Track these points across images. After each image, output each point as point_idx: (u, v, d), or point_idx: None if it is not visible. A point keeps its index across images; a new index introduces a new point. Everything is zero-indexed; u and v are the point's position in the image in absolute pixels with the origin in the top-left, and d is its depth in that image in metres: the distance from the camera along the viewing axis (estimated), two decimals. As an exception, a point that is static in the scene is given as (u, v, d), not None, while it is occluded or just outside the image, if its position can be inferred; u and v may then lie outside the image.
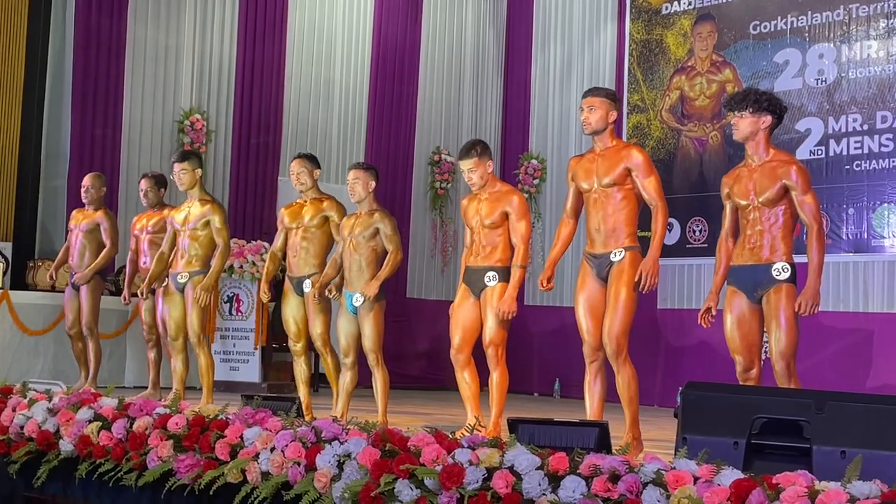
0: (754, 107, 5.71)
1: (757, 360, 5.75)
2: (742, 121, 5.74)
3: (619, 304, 5.84)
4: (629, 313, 5.86)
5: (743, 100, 5.75)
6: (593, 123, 6.00)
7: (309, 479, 4.20)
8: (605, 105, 6.00)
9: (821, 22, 10.76)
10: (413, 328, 12.49)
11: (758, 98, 5.74)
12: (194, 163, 8.00)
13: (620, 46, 12.44)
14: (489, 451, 3.87)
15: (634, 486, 3.51)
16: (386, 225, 7.17)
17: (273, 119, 12.21)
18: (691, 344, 11.10)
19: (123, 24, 11.25)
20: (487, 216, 6.70)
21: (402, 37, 13.12)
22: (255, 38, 12.11)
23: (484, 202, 6.78)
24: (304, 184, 7.53)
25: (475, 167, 6.74)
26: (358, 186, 7.19)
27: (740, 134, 5.77)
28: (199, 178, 7.96)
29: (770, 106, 5.74)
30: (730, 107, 5.82)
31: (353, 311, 7.16)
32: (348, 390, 7.30)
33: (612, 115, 6.00)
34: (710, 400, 4.38)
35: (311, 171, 7.55)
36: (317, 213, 7.51)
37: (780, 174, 5.65)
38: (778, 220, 5.71)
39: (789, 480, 3.28)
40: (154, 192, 9.04)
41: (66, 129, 11.02)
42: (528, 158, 13.20)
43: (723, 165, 11.30)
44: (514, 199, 6.74)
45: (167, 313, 8.09)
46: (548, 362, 12.37)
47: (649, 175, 5.96)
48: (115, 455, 5.01)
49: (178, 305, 7.96)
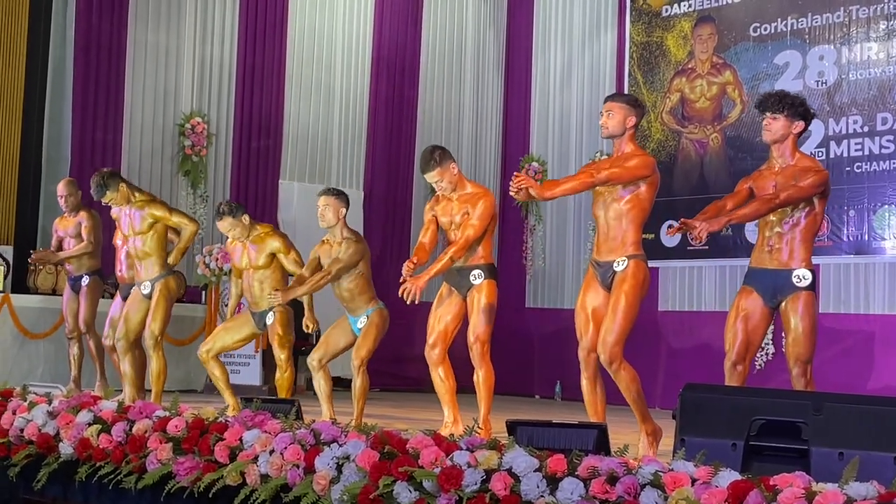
0: (790, 111, 5.74)
1: (748, 359, 5.76)
2: (776, 122, 5.76)
3: (617, 313, 5.77)
4: (627, 323, 5.78)
5: (780, 102, 5.76)
6: (610, 128, 6.00)
7: (308, 482, 4.21)
8: (624, 110, 5.98)
9: (821, 24, 10.76)
10: (412, 331, 12.48)
11: (794, 102, 5.77)
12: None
13: (621, 49, 12.44)
14: (488, 453, 3.88)
15: (632, 488, 3.52)
16: (344, 252, 7.09)
17: (273, 122, 12.23)
18: (691, 346, 11.11)
19: (124, 27, 11.27)
20: (460, 217, 6.72)
21: (402, 39, 13.13)
22: (256, 40, 12.12)
23: (455, 203, 6.79)
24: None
25: (440, 177, 6.72)
26: (328, 213, 7.12)
27: (772, 136, 5.78)
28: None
29: (805, 113, 5.79)
30: (765, 107, 5.81)
31: (357, 333, 7.20)
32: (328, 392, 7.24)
33: (631, 121, 5.98)
34: (709, 401, 4.38)
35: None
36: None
37: (805, 178, 5.67)
38: (799, 224, 5.73)
39: (787, 482, 3.29)
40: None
41: (66, 133, 11.03)
42: (529, 161, 13.20)
43: (723, 167, 11.31)
44: (479, 203, 6.71)
45: (122, 313, 7.98)
46: (549, 364, 12.36)
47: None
48: (115, 458, 5.02)
49: (141, 308, 7.84)
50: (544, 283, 12.97)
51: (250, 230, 7.71)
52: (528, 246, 13.08)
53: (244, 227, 7.66)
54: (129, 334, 7.80)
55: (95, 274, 9.13)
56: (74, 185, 9.31)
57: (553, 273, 12.89)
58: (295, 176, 12.31)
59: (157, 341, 7.73)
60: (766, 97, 5.88)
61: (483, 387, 6.69)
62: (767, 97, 5.87)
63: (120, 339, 7.82)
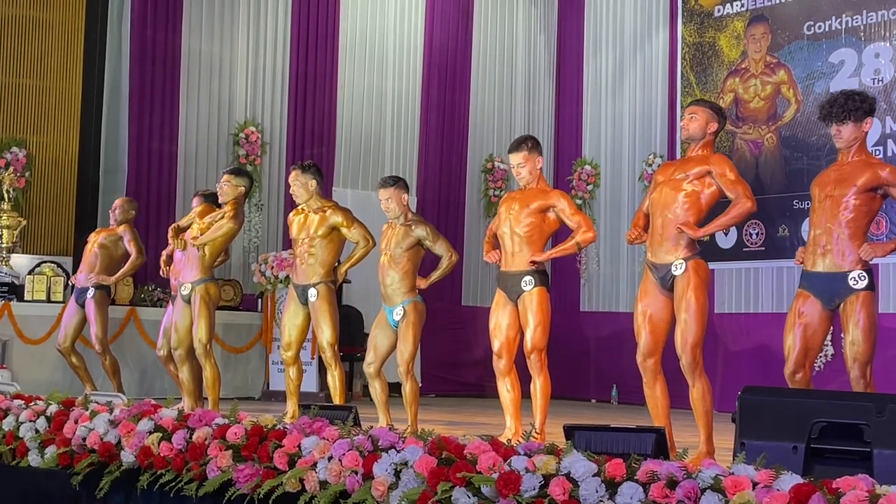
0: (856, 115, 5.67)
1: (808, 365, 5.69)
2: (845, 129, 5.69)
3: (690, 314, 5.78)
4: (702, 323, 5.81)
5: (843, 109, 5.68)
6: (690, 130, 6.07)
7: (367, 488, 4.22)
8: (706, 115, 6.05)
9: (876, 21, 10.64)
10: (469, 336, 12.50)
11: (857, 106, 5.68)
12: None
13: (673, 50, 12.38)
14: (546, 458, 3.86)
15: (692, 492, 3.49)
16: (426, 232, 7.11)
17: (326, 129, 12.30)
18: (749, 348, 11.01)
19: (178, 37, 11.40)
20: (522, 211, 6.67)
21: (453, 44, 13.16)
22: (308, 48, 12.20)
23: (517, 201, 6.75)
24: (300, 196, 7.52)
25: (524, 162, 6.73)
26: (392, 204, 7.11)
27: (844, 142, 5.73)
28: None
29: (870, 109, 5.72)
30: (830, 118, 5.73)
31: (395, 326, 7.16)
32: (384, 400, 7.23)
33: (712, 126, 6.05)
34: (768, 404, 4.33)
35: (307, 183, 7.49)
36: (322, 223, 7.50)
37: (870, 170, 5.62)
38: (848, 211, 5.62)
39: (850, 485, 3.25)
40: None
41: (123, 144, 11.18)
42: (581, 164, 13.16)
43: (779, 167, 11.21)
44: (561, 198, 6.72)
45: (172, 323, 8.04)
46: (605, 368, 12.32)
47: (731, 171, 6.00)
48: (176, 465, 5.05)
49: (186, 315, 7.86)
50: (599, 287, 12.92)
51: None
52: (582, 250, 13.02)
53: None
54: (184, 342, 7.85)
55: (102, 288, 9.17)
56: (132, 204, 9.48)
57: (607, 276, 12.84)
58: (349, 183, 12.38)
59: (207, 349, 7.75)
60: (828, 107, 5.76)
61: (540, 396, 6.64)
62: (829, 107, 5.75)
63: (176, 348, 7.88)
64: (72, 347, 9.16)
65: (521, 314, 6.66)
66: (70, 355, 9.18)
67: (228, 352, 10.73)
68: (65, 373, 9.43)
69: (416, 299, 7.15)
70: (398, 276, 7.09)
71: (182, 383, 8.00)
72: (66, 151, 10.99)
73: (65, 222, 10.96)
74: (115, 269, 9.22)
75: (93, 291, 9.09)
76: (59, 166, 10.96)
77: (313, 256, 7.45)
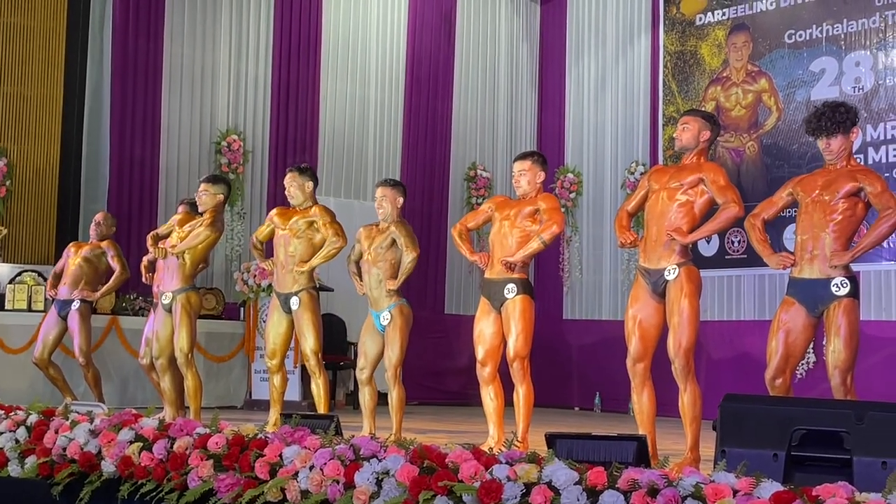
0: (842, 128, 5.72)
1: (789, 371, 5.72)
2: (835, 142, 5.75)
3: (684, 318, 5.87)
4: (694, 328, 5.89)
5: (832, 122, 5.73)
6: (684, 141, 6.13)
7: (348, 497, 4.21)
8: (698, 124, 6.13)
9: (856, 29, 10.69)
10: (452, 344, 12.50)
11: (844, 118, 5.73)
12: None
13: (655, 58, 12.42)
14: (527, 466, 3.86)
15: (673, 500, 3.49)
16: (400, 233, 7.18)
17: (309, 137, 12.28)
18: (731, 356, 11.04)
19: (160, 46, 11.36)
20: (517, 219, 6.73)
21: (435, 52, 13.17)
22: (290, 56, 12.19)
23: (513, 208, 6.81)
24: (296, 197, 7.60)
25: (527, 171, 6.78)
26: (385, 203, 7.23)
27: (834, 155, 5.79)
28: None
29: (856, 119, 5.79)
30: (819, 132, 5.78)
31: (381, 330, 7.18)
32: (371, 408, 7.25)
33: (705, 135, 6.12)
34: (749, 412, 4.35)
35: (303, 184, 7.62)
36: (303, 217, 7.57)
37: (857, 178, 5.68)
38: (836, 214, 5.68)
39: (830, 492, 3.25)
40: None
41: (105, 153, 11.13)
42: (563, 172, 13.19)
43: (760, 175, 11.25)
44: (548, 200, 6.77)
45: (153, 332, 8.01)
46: (588, 376, 12.33)
47: (722, 178, 6.03)
48: (157, 475, 5.04)
49: (167, 324, 7.85)
50: (582, 295, 12.93)
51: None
52: (564, 257, 13.05)
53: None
54: (165, 351, 7.83)
55: (86, 302, 9.14)
56: (113, 220, 9.54)
57: (590, 284, 12.85)
58: (331, 191, 12.35)
59: (188, 358, 7.73)
60: (816, 121, 5.80)
61: (523, 405, 6.66)
62: (817, 121, 5.79)
63: (158, 357, 7.86)
64: (49, 360, 9.11)
65: (504, 322, 6.68)
66: (47, 367, 9.12)
67: (211, 361, 10.69)
68: (45, 383, 9.37)
69: (401, 303, 7.21)
70: (382, 274, 7.18)
71: (164, 392, 7.97)
72: (47, 160, 10.94)
73: (46, 231, 10.90)
74: (98, 282, 9.23)
75: (78, 304, 9.07)
76: (40, 175, 10.90)
77: (292, 257, 7.50)
